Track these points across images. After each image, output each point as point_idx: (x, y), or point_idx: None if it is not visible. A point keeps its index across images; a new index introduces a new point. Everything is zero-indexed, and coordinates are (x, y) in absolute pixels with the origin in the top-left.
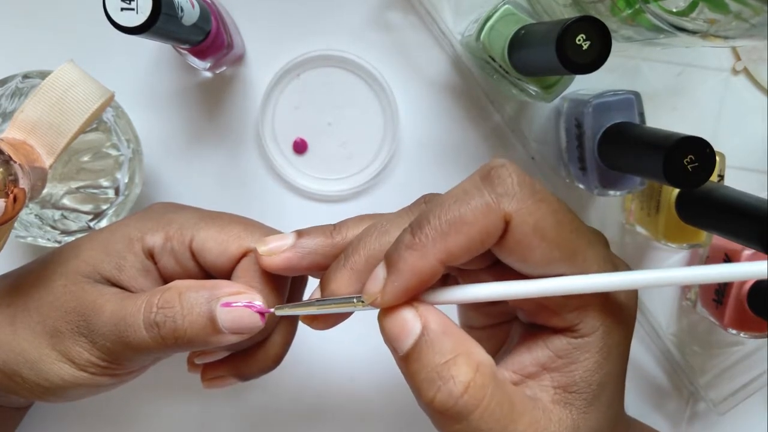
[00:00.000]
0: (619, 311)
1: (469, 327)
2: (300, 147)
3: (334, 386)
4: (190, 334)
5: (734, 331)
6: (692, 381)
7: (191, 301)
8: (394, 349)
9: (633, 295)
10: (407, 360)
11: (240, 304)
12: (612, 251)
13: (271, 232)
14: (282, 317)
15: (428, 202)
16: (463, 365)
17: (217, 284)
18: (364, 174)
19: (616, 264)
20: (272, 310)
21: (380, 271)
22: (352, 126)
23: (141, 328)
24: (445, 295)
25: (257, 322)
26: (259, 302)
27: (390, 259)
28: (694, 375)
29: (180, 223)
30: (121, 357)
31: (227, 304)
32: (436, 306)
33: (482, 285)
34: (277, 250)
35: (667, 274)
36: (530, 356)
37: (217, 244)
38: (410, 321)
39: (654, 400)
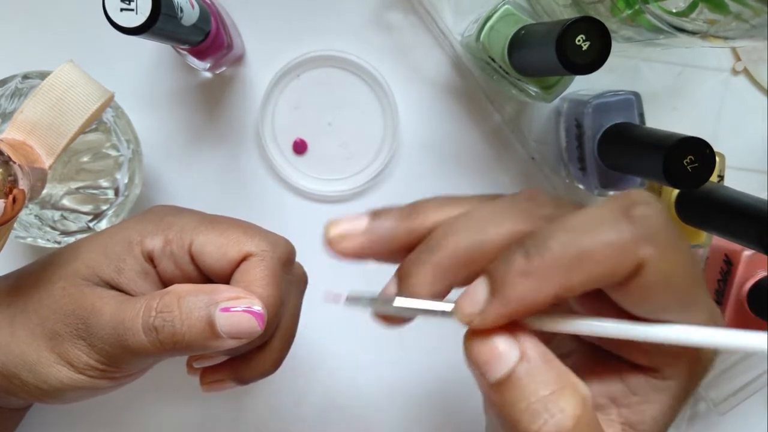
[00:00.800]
0: (703, 362)
1: None
2: (300, 147)
3: (335, 387)
4: (189, 338)
5: None
6: None
7: (190, 305)
8: (481, 374)
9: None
10: (500, 388)
11: (239, 309)
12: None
13: (270, 236)
14: (280, 322)
15: (542, 205)
16: (571, 398)
17: (216, 288)
18: (365, 174)
19: (713, 312)
20: (343, 294)
21: (480, 290)
22: (352, 126)
23: (140, 332)
24: (550, 324)
25: (256, 327)
26: (258, 307)
27: (496, 280)
28: None
29: (180, 226)
30: (119, 360)
31: (226, 309)
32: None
33: (599, 321)
34: (351, 234)
35: None
36: (601, 387)
37: (216, 248)
38: (505, 347)
39: None
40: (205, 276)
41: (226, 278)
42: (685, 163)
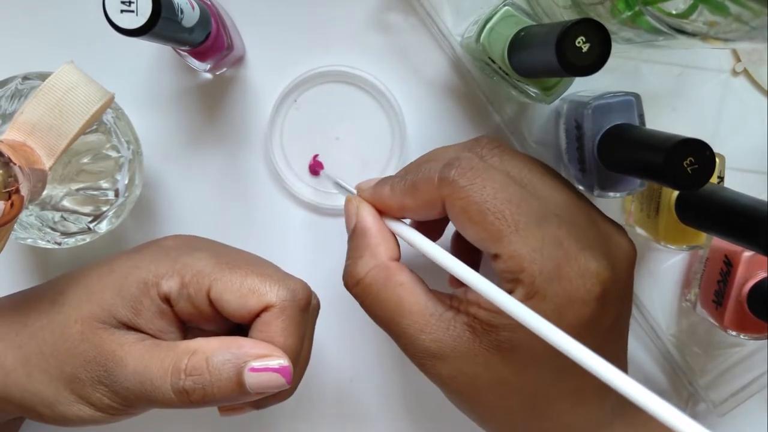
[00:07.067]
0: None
1: None
2: (316, 167)
3: (333, 387)
4: (219, 397)
5: (734, 333)
6: (692, 382)
7: (218, 365)
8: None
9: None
10: (348, 239)
11: (267, 367)
12: (567, 231)
13: (289, 282)
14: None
15: (428, 161)
16: (361, 264)
17: (241, 344)
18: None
19: (555, 246)
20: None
21: (372, 182)
22: (360, 140)
23: (169, 392)
24: (392, 223)
25: (283, 383)
26: (285, 363)
27: (379, 182)
28: (694, 376)
29: (196, 269)
30: (142, 406)
31: (254, 369)
32: (392, 222)
33: (418, 235)
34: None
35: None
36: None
37: (235, 298)
38: (353, 212)
39: None
40: (222, 315)
41: (245, 322)
42: (685, 164)
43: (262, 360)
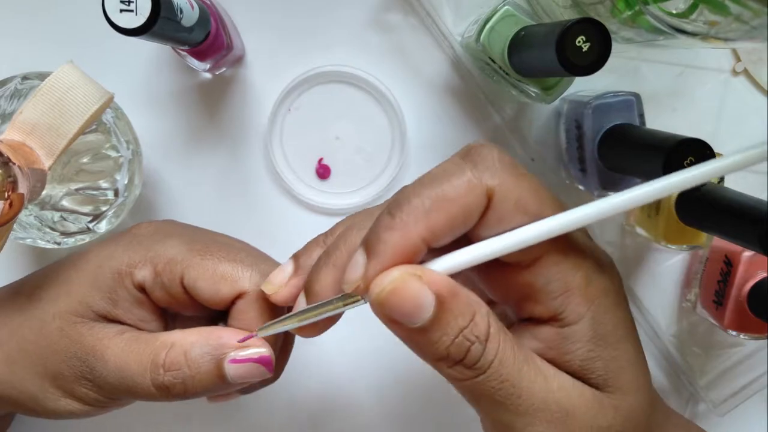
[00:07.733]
0: (604, 294)
1: None
2: (324, 172)
3: (333, 387)
4: (200, 390)
5: (734, 333)
6: (692, 382)
7: (198, 359)
8: (403, 324)
9: (617, 277)
10: (424, 331)
11: (247, 359)
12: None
13: (261, 265)
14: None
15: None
16: (480, 322)
17: (220, 335)
18: (377, 184)
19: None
20: (255, 333)
21: (359, 258)
22: (360, 139)
23: (150, 388)
24: (442, 262)
25: (265, 372)
26: (265, 351)
27: (368, 243)
28: (694, 376)
29: (168, 257)
30: (127, 399)
31: (235, 360)
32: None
33: (480, 243)
34: (282, 283)
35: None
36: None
37: (208, 285)
38: (421, 293)
39: None
40: (199, 302)
41: (220, 308)
42: (686, 164)
43: (241, 351)
